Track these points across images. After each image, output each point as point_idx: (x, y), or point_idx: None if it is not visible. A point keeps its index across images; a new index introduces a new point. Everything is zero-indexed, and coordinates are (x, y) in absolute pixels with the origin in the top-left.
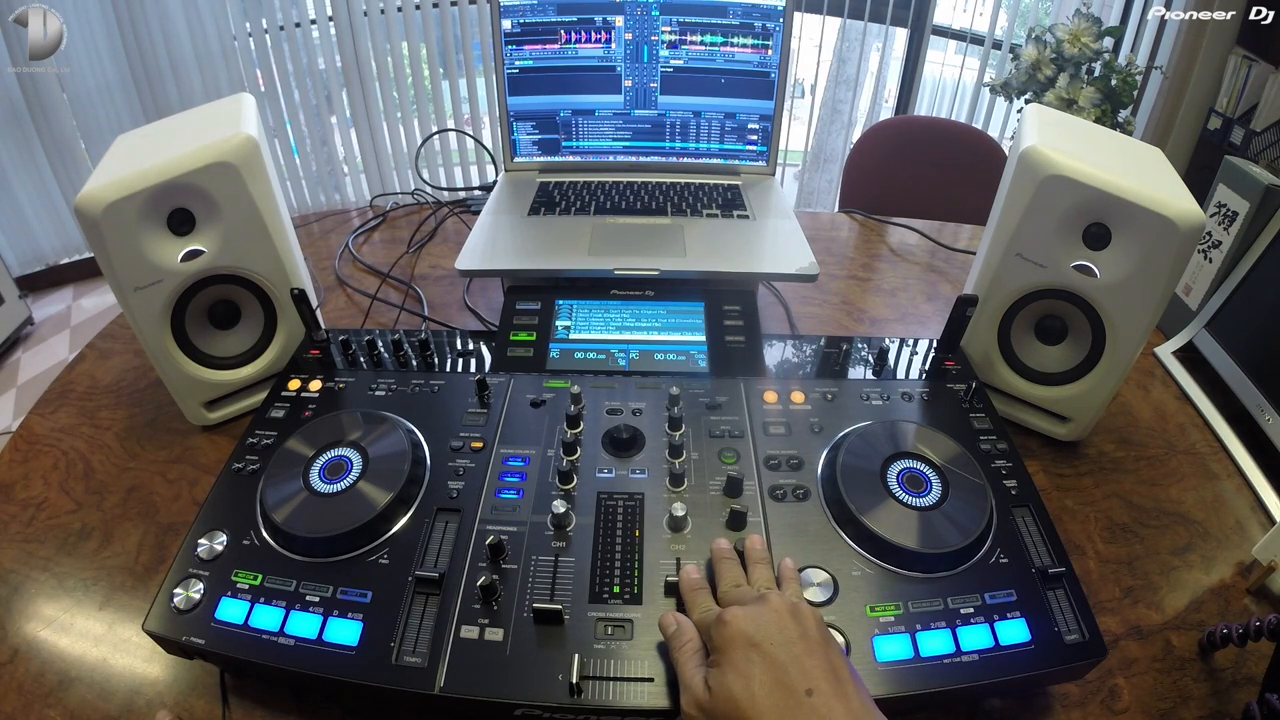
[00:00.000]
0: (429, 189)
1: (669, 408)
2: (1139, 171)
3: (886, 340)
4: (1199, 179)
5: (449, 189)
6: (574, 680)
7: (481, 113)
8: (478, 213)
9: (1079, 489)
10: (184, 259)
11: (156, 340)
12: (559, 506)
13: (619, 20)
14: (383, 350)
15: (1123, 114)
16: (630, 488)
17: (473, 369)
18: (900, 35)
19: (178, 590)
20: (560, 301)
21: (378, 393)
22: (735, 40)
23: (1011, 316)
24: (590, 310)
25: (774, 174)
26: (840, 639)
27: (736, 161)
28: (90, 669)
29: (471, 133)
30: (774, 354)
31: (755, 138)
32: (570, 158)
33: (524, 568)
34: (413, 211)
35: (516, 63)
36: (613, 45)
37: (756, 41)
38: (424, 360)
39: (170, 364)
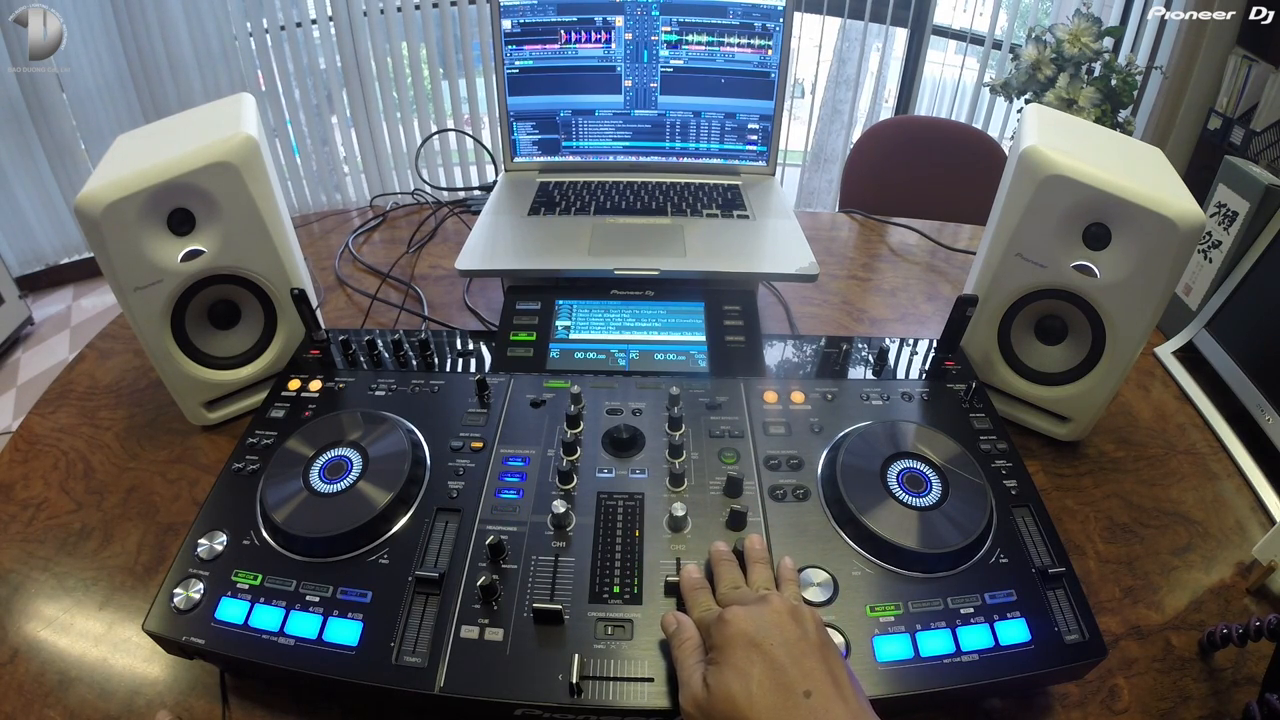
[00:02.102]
0: (429, 189)
1: (669, 408)
2: (1139, 171)
3: (886, 340)
4: (1199, 179)
5: (449, 189)
6: (574, 680)
7: (481, 113)
8: (478, 213)
9: (1079, 489)
10: (184, 259)
11: (156, 340)
12: (559, 506)
13: (619, 20)
14: (383, 350)
15: (1123, 114)
16: (630, 488)
17: (473, 369)
18: (900, 35)
19: (178, 590)
20: (560, 301)
21: (378, 393)
22: (735, 40)
23: (1011, 316)
24: (590, 310)
25: (774, 174)
26: (840, 639)
27: (736, 161)
28: (90, 669)
29: (471, 133)
30: (774, 354)
31: (755, 138)
32: (570, 158)
33: (524, 568)
34: (413, 211)
35: (516, 63)
36: (613, 45)
37: (756, 41)
38: (424, 360)
39: (170, 364)
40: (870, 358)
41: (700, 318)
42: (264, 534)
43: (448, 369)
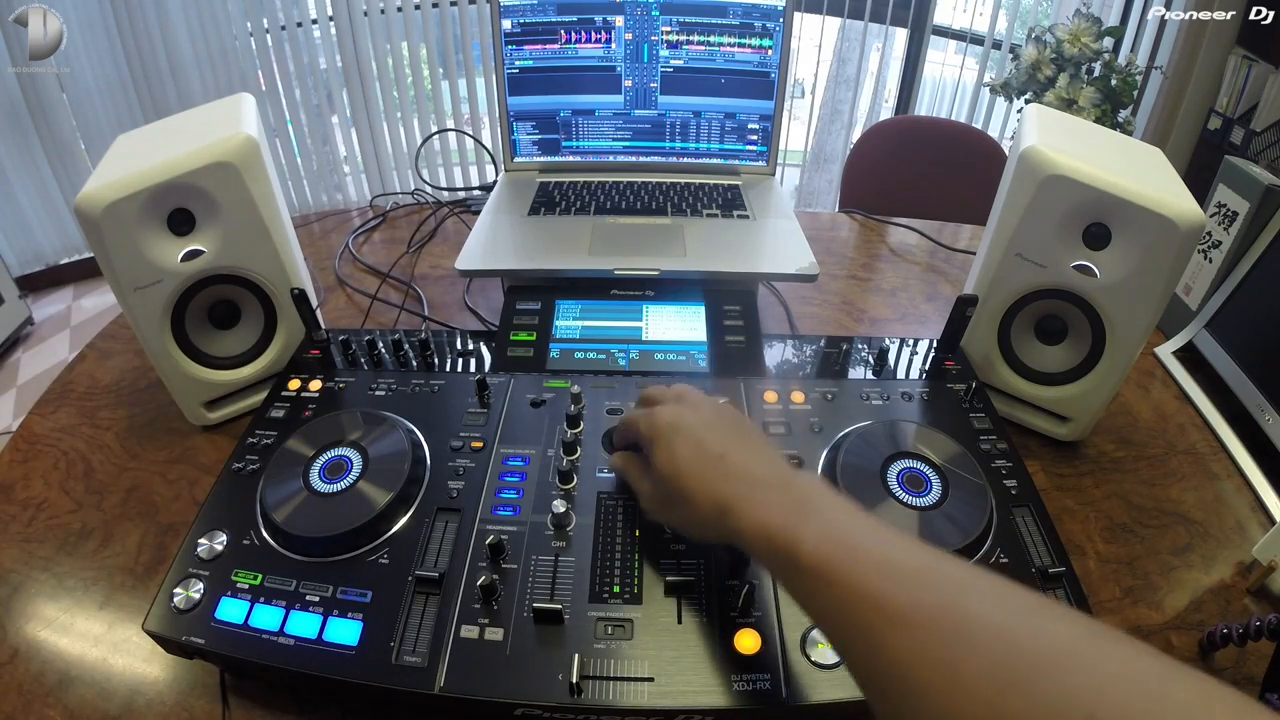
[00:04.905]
0: (429, 189)
1: None
2: (1139, 171)
3: (886, 340)
4: (1199, 179)
5: (449, 189)
6: (574, 680)
7: (481, 113)
8: (478, 213)
9: (1079, 489)
10: (184, 259)
11: (156, 340)
12: (559, 506)
13: (619, 20)
14: (383, 350)
15: (1123, 114)
16: (630, 488)
17: (473, 369)
18: (900, 35)
19: (178, 590)
20: (560, 301)
21: (378, 393)
22: (735, 40)
23: (1011, 316)
24: (590, 310)
25: (774, 174)
26: None
27: (736, 161)
28: (90, 669)
29: (471, 133)
30: (774, 354)
31: (755, 138)
32: (570, 158)
33: (524, 568)
34: (413, 211)
35: (516, 63)
36: (613, 45)
37: (756, 41)
38: (424, 360)
39: (170, 364)
40: (870, 358)
41: (700, 318)
42: (264, 534)
43: (448, 369)
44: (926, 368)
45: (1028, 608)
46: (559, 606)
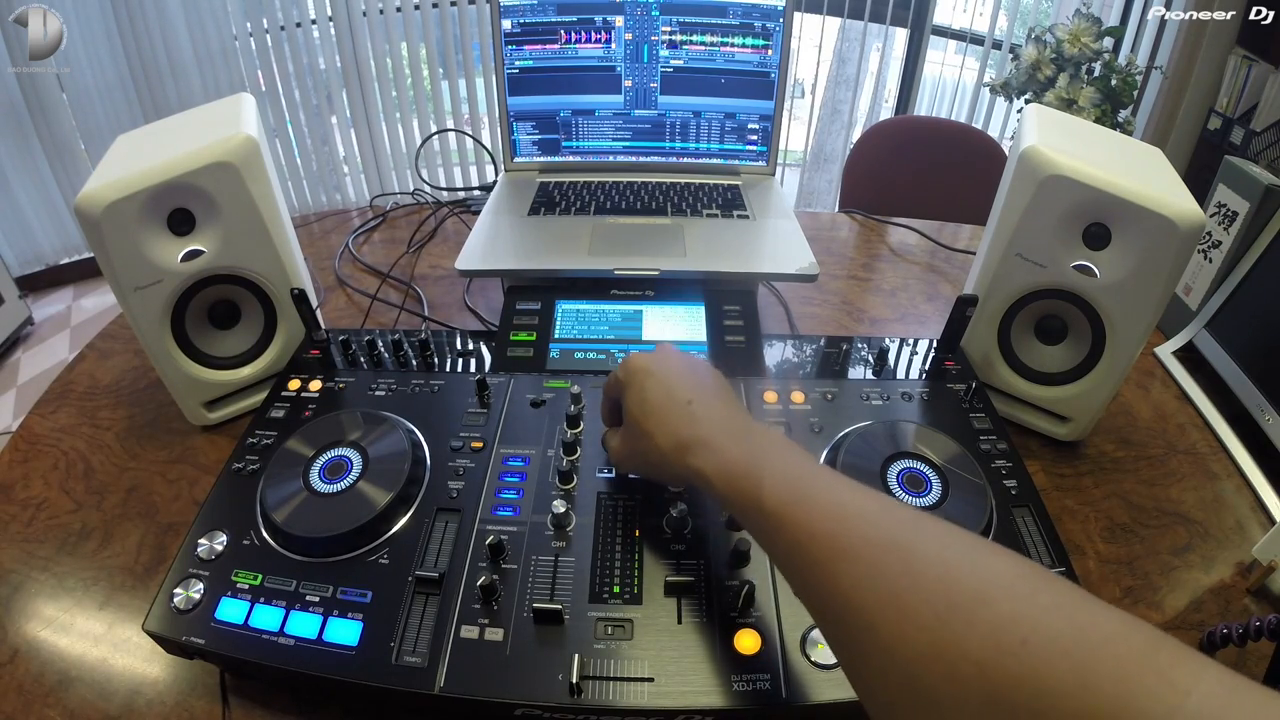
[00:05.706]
0: (429, 189)
1: None
2: (1139, 171)
3: (886, 340)
4: (1199, 179)
5: (449, 189)
6: (574, 680)
7: (481, 113)
8: (478, 213)
9: (1079, 489)
10: (184, 259)
11: (156, 340)
12: (559, 506)
13: (619, 20)
14: (383, 350)
15: (1123, 114)
16: (630, 488)
17: (473, 369)
18: (900, 35)
19: (178, 590)
20: (560, 301)
21: (378, 393)
22: (735, 40)
23: (1011, 316)
24: (590, 310)
25: (774, 174)
26: None
27: (736, 161)
28: (90, 669)
29: (471, 133)
30: (774, 354)
31: (755, 138)
32: (570, 158)
33: (524, 568)
34: (413, 211)
35: (516, 63)
36: (613, 45)
37: (756, 41)
38: (424, 360)
39: (170, 364)
40: (870, 358)
41: (700, 318)
42: (264, 534)
43: (448, 369)
44: (926, 368)
45: (968, 545)
46: (559, 606)
